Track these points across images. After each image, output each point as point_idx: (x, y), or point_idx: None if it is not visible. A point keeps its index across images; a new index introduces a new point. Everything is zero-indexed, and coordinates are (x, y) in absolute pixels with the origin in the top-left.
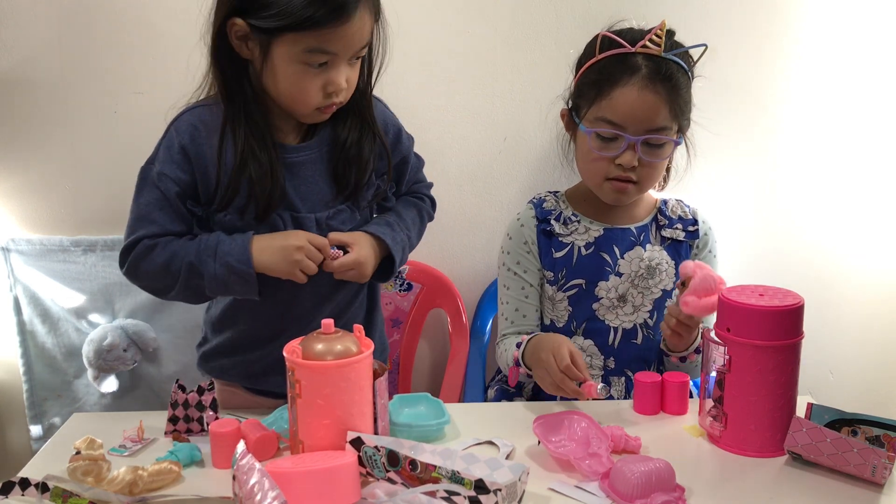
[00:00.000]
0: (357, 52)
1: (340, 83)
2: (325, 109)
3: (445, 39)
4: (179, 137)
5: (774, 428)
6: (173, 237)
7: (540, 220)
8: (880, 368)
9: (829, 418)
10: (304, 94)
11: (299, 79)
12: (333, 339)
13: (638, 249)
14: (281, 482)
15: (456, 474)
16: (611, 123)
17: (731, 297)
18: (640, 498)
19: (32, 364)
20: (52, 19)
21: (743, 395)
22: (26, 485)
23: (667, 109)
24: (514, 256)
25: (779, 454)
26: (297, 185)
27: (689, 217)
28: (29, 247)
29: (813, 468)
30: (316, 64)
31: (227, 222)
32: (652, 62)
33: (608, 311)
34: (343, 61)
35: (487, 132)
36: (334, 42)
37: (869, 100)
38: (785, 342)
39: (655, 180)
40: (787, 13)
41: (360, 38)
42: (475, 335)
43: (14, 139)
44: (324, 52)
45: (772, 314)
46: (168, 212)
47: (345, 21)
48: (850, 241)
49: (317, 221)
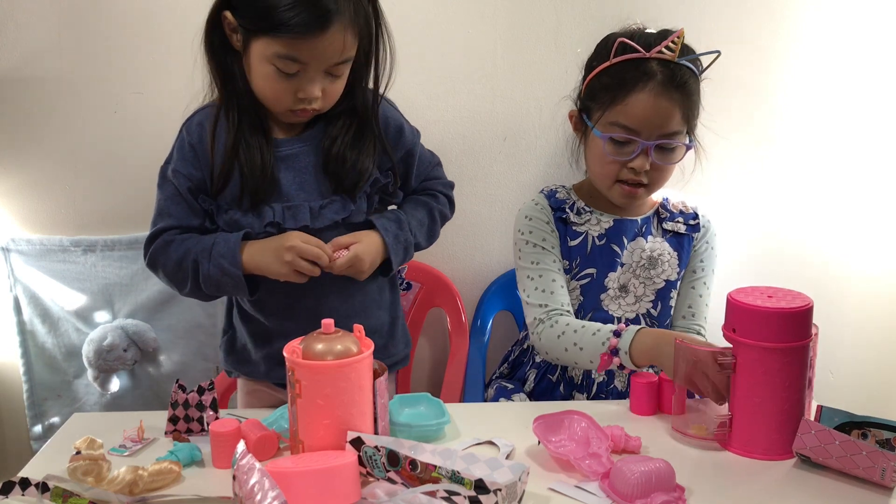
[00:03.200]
0: (332, 66)
1: (312, 93)
2: (299, 113)
3: (445, 39)
4: (189, 137)
5: (780, 430)
6: (192, 234)
7: (554, 208)
8: (881, 369)
9: (838, 421)
10: (276, 96)
11: (272, 81)
12: (333, 339)
13: (640, 240)
14: (281, 482)
15: (456, 474)
16: (625, 128)
17: (739, 298)
18: (640, 498)
19: (32, 364)
20: (53, 19)
21: (748, 397)
22: (26, 485)
23: (680, 115)
24: (539, 234)
25: (786, 457)
26: (291, 176)
27: (690, 212)
28: (29, 247)
29: (820, 471)
30: (288, 71)
31: (228, 217)
32: (666, 68)
33: (612, 301)
34: (316, 72)
35: (487, 132)
36: (305, 52)
37: (871, 101)
38: (791, 344)
39: (664, 182)
40: (789, 13)
41: (335, 53)
42: (475, 335)
43: (14, 139)
44: (294, 61)
45: (777, 316)
46: (183, 206)
47: (317, 34)
48: (851, 242)
49: (310, 210)
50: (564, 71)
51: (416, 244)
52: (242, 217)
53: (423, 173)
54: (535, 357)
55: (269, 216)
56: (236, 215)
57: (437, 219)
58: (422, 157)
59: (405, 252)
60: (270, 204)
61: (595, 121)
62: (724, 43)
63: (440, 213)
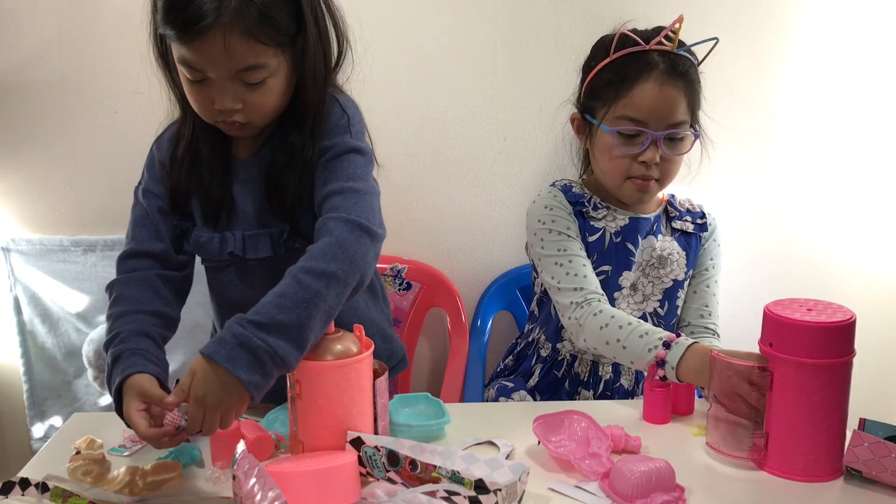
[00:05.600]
0: (239, 73)
1: (224, 103)
2: (227, 126)
3: (446, 39)
4: (159, 154)
5: (819, 451)
6: (128, 304)
7: (571, 202)
8: (881, 368)
9: (883, 435)
10: (197, 105)
11: (188, 88)
12: (333, 339)
13: (651, 239)
14: (281, 482)
15: (456, 474)
16: (633, 120)
17: (776, 311)
18: (640, 498)
19: (32, 364)
20: (53, 20)
21: (786, 416)
22: (26, 485)
23: (685, 103)
24: (562, 223)
25: (825, 479)
26: (249, 201)
27: (698, 210)
28: (29, 247)
29: (869, 486)
30: (191, 77)
31: (195, 238)
32: (667, 58)
33: (623, 299)
34: (222, 80)
35: (487, 132)
36: (193, 58)
37: (872, 101)
38: (832, 361)
39: (675, 175)
40: (790, 13)
41: (231, 61)
42: (475, 335)
43: (14, 139)
44: (191, 67)
45: (817, 330)
46: (148, 228)
47: (197, 40)
48: (852, 242)
49: (271, 237)
50: (564, 71)
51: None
52: (209, 241)
53: (325, 194)
54: (541, 351)
55: (230, 244)
56: (202, 238)
57: (313, 280)
58: (334, 170)
59: (254, 355)
60: (233, 230)
61: (601, 118)
62: (724, 42)
63: (316, 272)
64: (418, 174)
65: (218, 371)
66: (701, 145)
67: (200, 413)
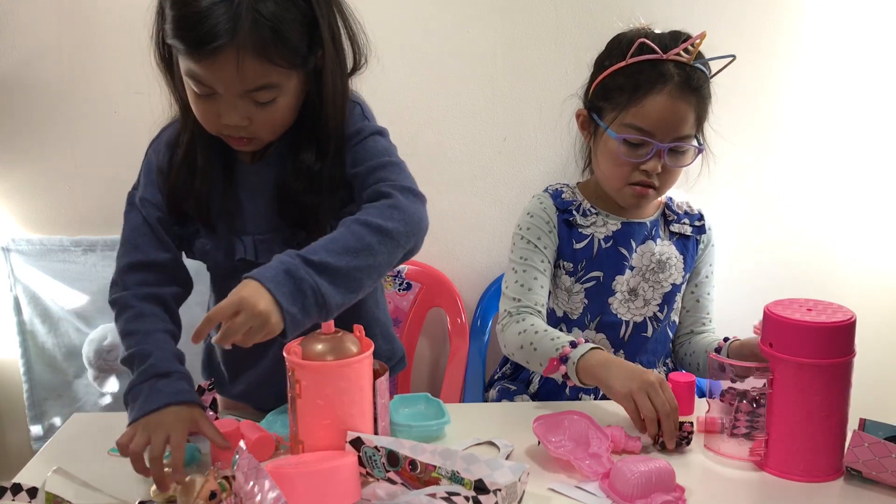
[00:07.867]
0: (250, 92)
1: (231, 119)
2: (232, 141)
3: (445, 39)
4: (157, 158)
5: (820, 451)
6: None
7: (560, 209)
8: (882, 369)
9: (883, 435)
10: (202, 118)
11: (194, 100)
12: (333, 339)
13: (649, 243)
14: (281, 482)
15: (456, 474)
16: (640, 130)
17: (776, 311)
18: (640, 498)
19: (32, 364)
20: (53, 20)
21: (786, 416)
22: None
23: (693, 118)
24: (536, 232)
25: (825, 479)
26: (259, 204)
27: (696, 212)
28: (29, 247)
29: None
30: (199, 92)
31: (200, 246)
32: (683, 71)
33: (620, 304)
34: (231, 96)
35: (487, 132)
36: (203, 74)
37: (873, 104)
38: (832, 361)
39: (673, 184)
40: (790, 14)
41: (243, 82)
42: (475, 335)
43: (14, 139)
44: (200, 82)
45: (817, 330)
46: (151, 239)
47: (209, 58)
48: (852, 242)
49: (254, 244)
50: (564, 71)
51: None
52: (215, 249)
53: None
54: None
55: (239, 251)
56: (207, 246)
57: (374, 241)
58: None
59: (304, 300)
60: (241, 236)
61: (608, 121)
62: (724, 43)
63: (380, 229)
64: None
65: (261, 290)
66: (702, 157)
67: (236, 323)
